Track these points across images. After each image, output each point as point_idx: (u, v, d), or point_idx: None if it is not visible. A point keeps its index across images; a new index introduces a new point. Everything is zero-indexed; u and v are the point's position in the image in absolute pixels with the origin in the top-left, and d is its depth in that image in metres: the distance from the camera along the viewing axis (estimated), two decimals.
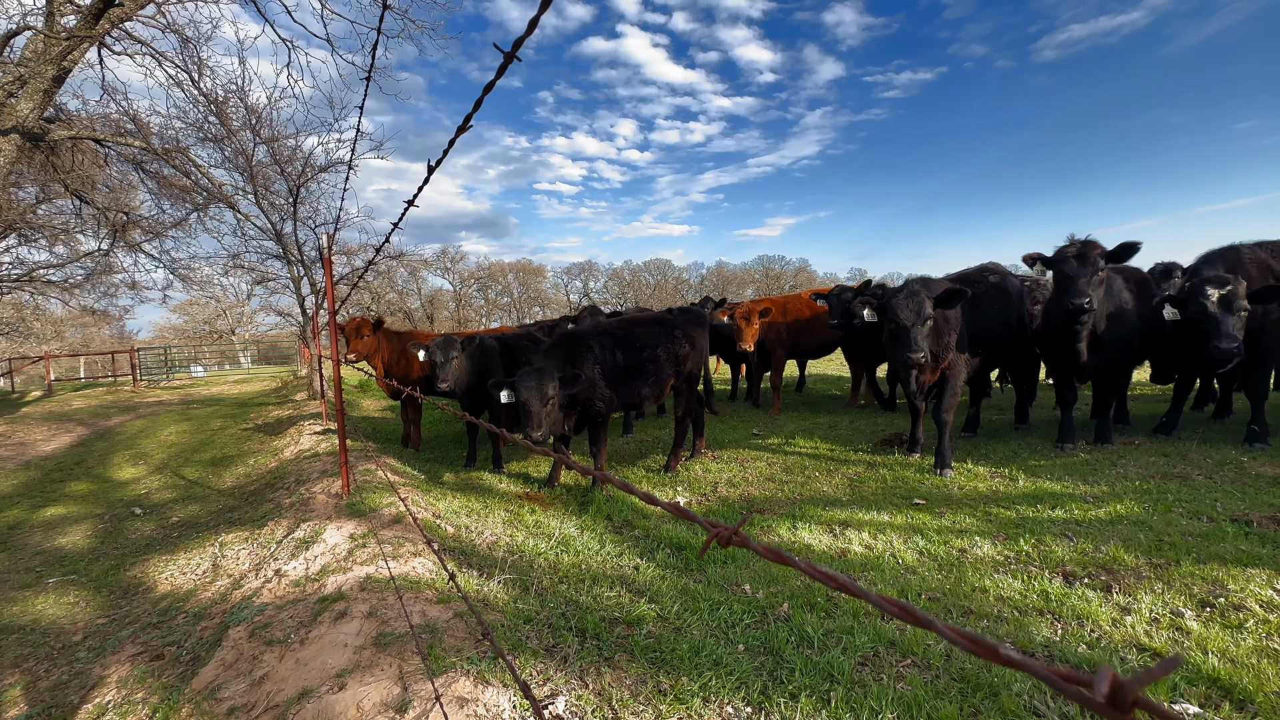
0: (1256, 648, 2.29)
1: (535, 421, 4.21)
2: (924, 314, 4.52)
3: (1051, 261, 4.53)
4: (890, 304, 4.66)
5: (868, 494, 4.51)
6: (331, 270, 4.45)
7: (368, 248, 13.02)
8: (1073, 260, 4.38)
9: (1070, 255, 4.41)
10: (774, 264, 52.82)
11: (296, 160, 10.92)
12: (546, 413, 4.29)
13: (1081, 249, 4.39)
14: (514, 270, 48.36)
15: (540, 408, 4.25)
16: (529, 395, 4.25)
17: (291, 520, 4.24)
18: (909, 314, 4.52)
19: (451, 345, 5.77)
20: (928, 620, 0.39)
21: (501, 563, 3.39)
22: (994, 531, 3.59)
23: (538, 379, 4.30)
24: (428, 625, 2.52)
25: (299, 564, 3.39)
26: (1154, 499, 3.83)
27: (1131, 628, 2.48)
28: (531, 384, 4.27)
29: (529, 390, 4.26)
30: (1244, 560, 2.95)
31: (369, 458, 5.87)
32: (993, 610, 2.70)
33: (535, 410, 4.23)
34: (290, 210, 10.94)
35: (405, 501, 2.40)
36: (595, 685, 2.27)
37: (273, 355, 31.72)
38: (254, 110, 10.29)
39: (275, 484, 5.78)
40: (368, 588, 2.90)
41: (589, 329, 5.03)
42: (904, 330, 4.53)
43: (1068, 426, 5.13)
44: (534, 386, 4.26)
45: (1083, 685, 0.31)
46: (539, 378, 4.31)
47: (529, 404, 4.23)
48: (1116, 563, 3.05)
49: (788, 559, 0.49)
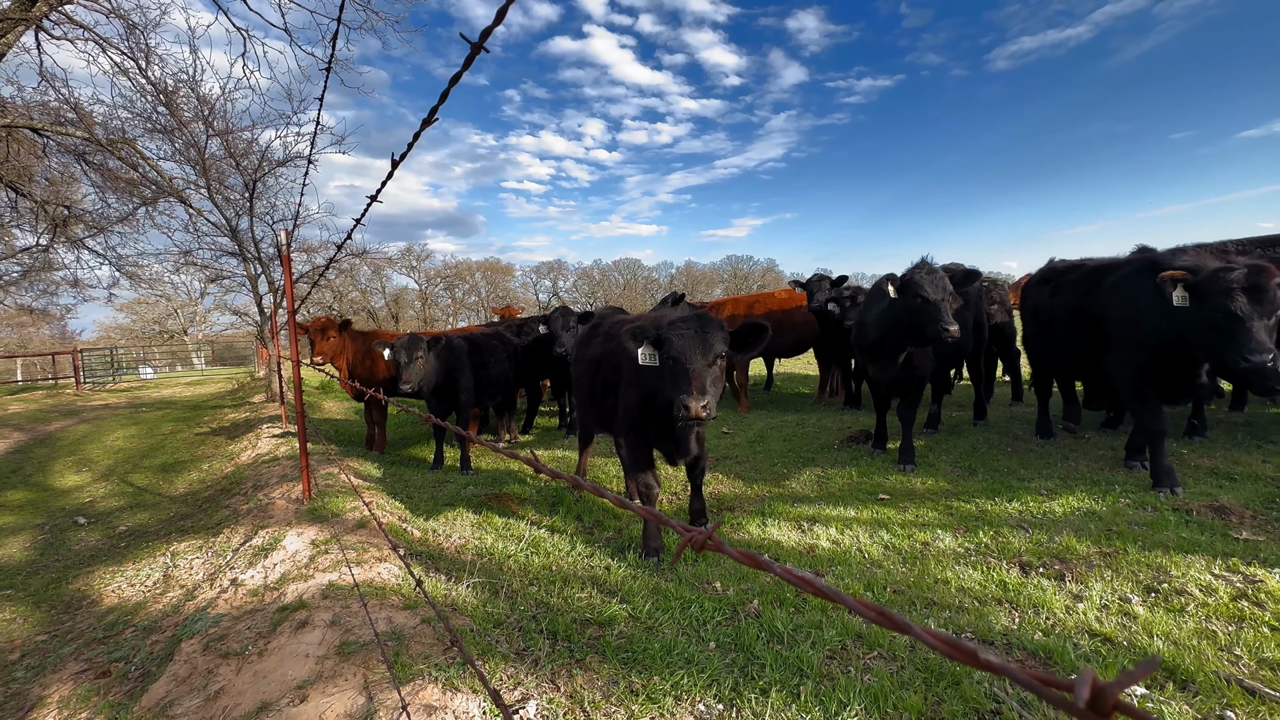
0: (1197, 630, 2.41)
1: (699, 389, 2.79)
2: (948, 289, 4.41)
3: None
4: (915, 279, 4.47)
5: (835, 490, 4.59)
6: (290, 268, 4.31)
7: (329, 245, 12.63)
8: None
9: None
10: (742, 264, 53.43)
11: (253, 154, 10.51)
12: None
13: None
14: (481, 269, 47.69)
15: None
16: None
17: (249, 527, 4.09)
18: (936, 289, 4.38)
19: (417, 345, 5.65)
20: (904, 625, 0.39)
21: (470, 566, 3.33)
22: (955, 525, 3.70)
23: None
24: (393, 632, 2.45)
25: (257, 572, 3.27)
26: (1103, 490, 4.01)
27: (1083, 614, 2.59)
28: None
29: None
30: (1185, 547, 3.12)
31: (331, 461, 5.70)
32: (954, 601, 2.78)
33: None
34: (246, 205, 10.54)
35: (369, 506, 2.34)
36: (567, 688, 2.25)
37: (228, 356, 30.56)
38: (206, 101, 9.87)
39: (231, 489, 5.56)
40: (330, 595, 2.81)
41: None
42: (933, 305, 4.35)
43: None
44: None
45: (1063, 689, 0.32)
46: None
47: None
48: (1069, 552, 3.18)
49: (763, 563, 0.48)
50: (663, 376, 3.01)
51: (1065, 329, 4.80)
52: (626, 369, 3.56)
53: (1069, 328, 4.76)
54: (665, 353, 2.89)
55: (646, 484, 3.57)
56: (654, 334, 2.96)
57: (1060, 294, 4.89)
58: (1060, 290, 4.91)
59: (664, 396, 3.18)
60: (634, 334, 2.98)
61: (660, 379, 3.12)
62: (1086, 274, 4.70)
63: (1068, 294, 4.80)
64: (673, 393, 2.83)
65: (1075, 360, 4.86)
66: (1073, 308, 4.70)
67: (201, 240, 11.83)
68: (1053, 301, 4.95)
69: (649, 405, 3.41)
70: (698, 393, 2.70)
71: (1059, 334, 4.90)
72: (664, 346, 2.90)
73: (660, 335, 2.92)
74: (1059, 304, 4.87)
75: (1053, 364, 5.29)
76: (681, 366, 2.80)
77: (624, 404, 3.57)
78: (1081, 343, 4.64)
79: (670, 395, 2.90)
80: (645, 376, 3.34)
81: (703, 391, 2.72)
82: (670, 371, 2.88)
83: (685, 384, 2.75)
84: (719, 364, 2.94)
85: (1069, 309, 4.74)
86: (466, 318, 47.15)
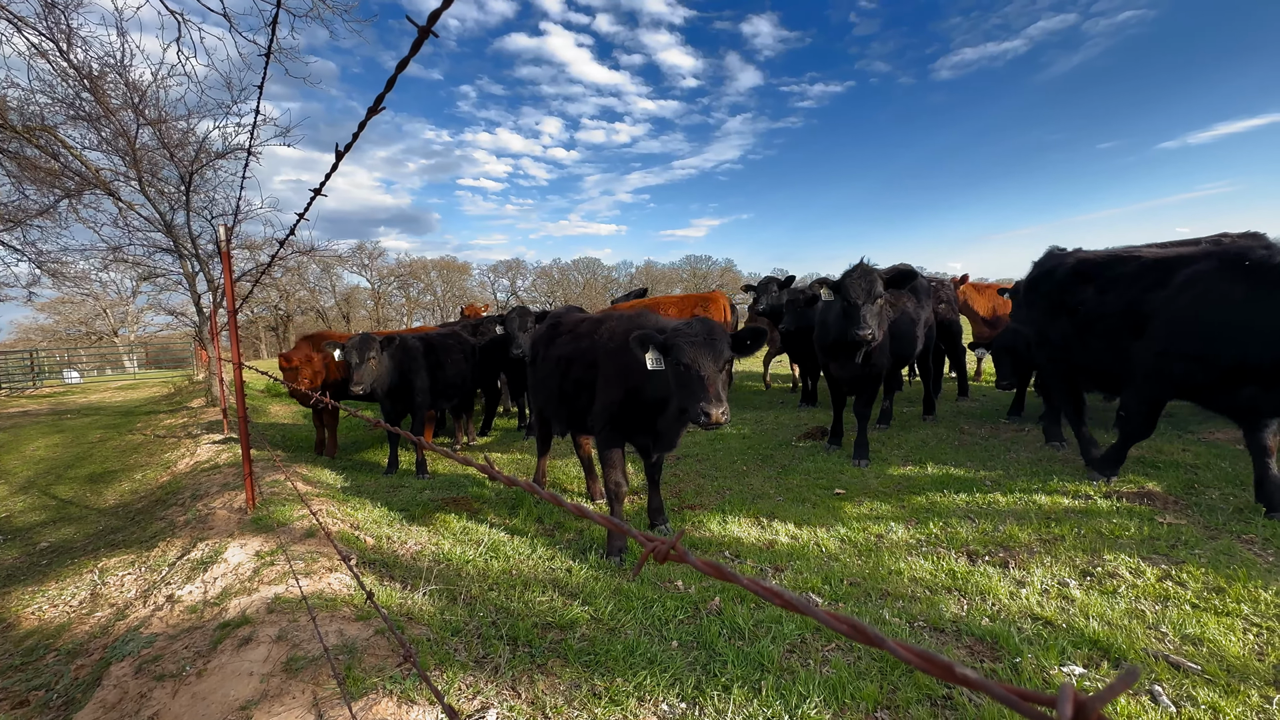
0: (1128, 610, 2.56)
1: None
2: (875, 292, 4.55)
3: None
4: (843, 282, 4.63)
5: (793, 486, 4.68)
6: (231, 265, 4.09)
7: (274, 242, 12.07)
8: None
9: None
10: (701, 264, 53.96)
11: (189, 145, 9.92)
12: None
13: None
14: (437, 267, 46.59)
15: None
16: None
17: (187, 539, 3.86)
18: (859, 292, 4.54)
19: (369, 345, 5.46)
20: (878, 639, 0.38)
21: (427, 573, 3.24)
22: (907, 517, 3.82)
23: None
24: (345, 645, 2.36)
25: (195, 587, 3.09)
26: (1042, 480, 4.22)
27: (1026, 599, 2.71)
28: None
29: None
30: (1115, 532, 3.31)
31: (277, 467, 5.45)
32: (907, 591, 2.87)
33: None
34: (182, 199, 9.94)
35: (317, 514, 2.24)
36: (528, 694, 2.21)
37: (164, 358, 28.86)
38: (136, 88, 9.25)
39: (167, 500, 5.25)
40: (276, 609, 2.68)
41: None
42: (854, 308, 4.55)
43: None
44: None
45: (1044, 704, 0.31)
46: None
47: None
48: (1012, 540, 3.33)
49: (728, 575, 0.47)
50: (671, 381, 3.09)
51: (1111, 330, 4.06)
52: (605, 366, 3.59)
53: (1115, 329, 4.02)
54: (676, 359, 2.95)
55: (616, 482, 3.61)
56: (661, 340, 3.01)
57: (1110, 291, 4.11)
58: (1112, 287, 4.12)
59: (652, 395, 3.29)
60: (642, 340, 3.02)
61: (653, 381, 3.22)
62: (1146, 267, 3.94)
63: (1121, 291, 4.03)
64: (687, 399, 2.91)
65: (1107, 368, 4.18)
66: (1124, 307, 3.95)
67: (133, 236, 11.09)
68: (1102, 299, 4.15)
69: (631, 402, 3.46)
70: (716, 399, 2.80)
71: (1101, 336, 4.13)
72: (673, 353, 2.96)
73: (669, 342, 2.98)
74: (1109, 303, 4.08)
75: (1080, 372, 4.51)
76: (696, 374, 2.87)
77: (602, 401, 3.60)
78: (1122, 348, 3.95)
79: (683, 401, 2.97)
80: (628, 375, 3.40)
81: (720, 397, 2.82)
82: (683, 378, 2.94)
83: (702, 391, 2.83)
84: (728, 368, 3.02)
85: (1119, 309, 3.98)
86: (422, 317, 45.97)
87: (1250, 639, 2.32)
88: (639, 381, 3.37)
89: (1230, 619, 2.44)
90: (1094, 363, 4.31)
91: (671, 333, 3.01)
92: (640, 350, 3.03)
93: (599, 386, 3.66)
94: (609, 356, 3.55)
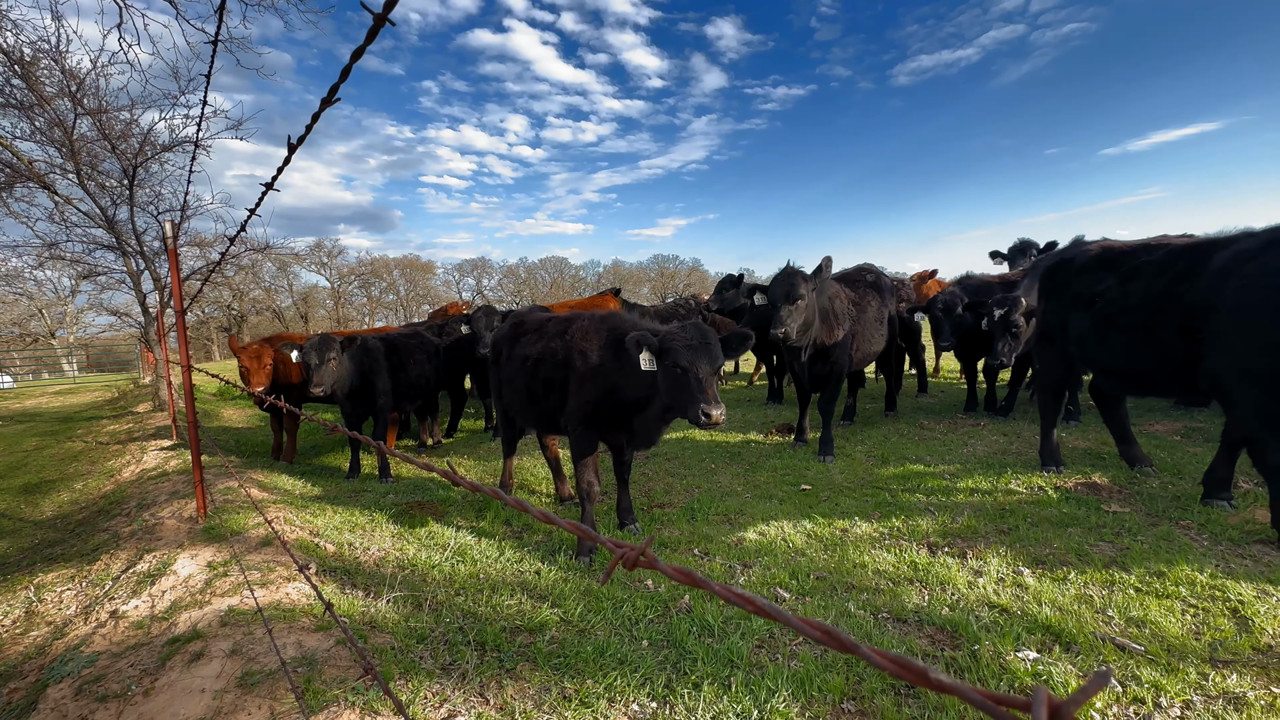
0: (1078, 596, 2.68)
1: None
2: (793, 295, 4.82)
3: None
4: (769, 286, 4.99)
5: (760, 482, 4.74)
6: (178, 263, 3.91)
7: (225, 239, 11.58)
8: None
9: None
10: (668, 263, 54.15)
11: (132, 136, 9.42)
12: None
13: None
14: (400, 266, 45.52)
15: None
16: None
17: (132, 551, 3.67)
18: (778, 294, 4.85)
19: (329, 345, 5.29)
20: (852, 645, 0.38)
21: (391, 579, 3.16)
22: (870, 511, 3.91)
23: None
24: (304, 657, 2.28)
25: (142, 602, 2.94)
26: (997, 473, 4.38)
27: (983, 588, 2.80)
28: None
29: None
30: (1065, 521, 3.46)
31: (230, 474, 5.24)
32: (872, 583, 2.94)
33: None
34: (125, 194, 9.44)
35: (272, 521, 2.15)
36: (496, 700, 2.17)
37: (106, 361, 27.43)
38: (74, 75, 8.73)
39: (111, 510, 4.98)
40: (230, 622, 2.57)
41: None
42: (774, 309, 4.86)
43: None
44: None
45: (1018, 708, 0.32)
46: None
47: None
48: (970, 531, 3.44)
49: (700, 582, 0.47)
50: (650, 383, 3.20)
51: (1141, 324, 3.60)
52: (579, 365, 3.61)
53: (1147, 323, 3.55)
54: (673, 362, 3.03)
55: (589, 481, 3.63)
56: (656, 343, 3.09)
57: (1135, 280, 3.68)
58: (1136, 276, 3.69)
59: (630, 395, 3.37)
60: (637, 342, 3.09)
61: (631, 380, 3.30)
62: (1176, 254, 3.52)
63: (1148, 280, 3.60)
64: (685, 401, 3.00)
65: (1146, 368, 3.67)
66: (1160, 297, 3.49)
67: (71, 232, 10.45)
68: (1125, 289, 3.72)
69: (607, 401, 3.49)
70: (715, 400, 2.91)
71: (1129, 330, 3.68)
72: (670, 356, 3.05)
73: (664, 345, 3.07)
74: (1135, 291, 3.65)
75: (1107, 372, 3.99)
76: (693, 376, 2.97)
77: (577, 400, 3.61)
78: (1164, 343, 3.46)
79: (679, 402, 3.05)
80: (605, 374, 3.45)
81: (717, 399, 2.92)
82: (678, 380, 3.03)
83: (701, 392, 2.93)
84: (720, 370, 3.14)
85: (1154, 298, 3.52)
86: (384, 317, 44.88)
87: (1188, 620, 2.45)
88: (616, 381, 3.40)
89: (1170, 601, 2.58)
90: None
91: (666, 336, 3.10)
92: (637, 351, 3.11)
93: (572, 386, 3.66)
94: (584, 356, 3.56)
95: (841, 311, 5.34)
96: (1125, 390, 4.03)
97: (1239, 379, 3.00)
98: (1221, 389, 3.15)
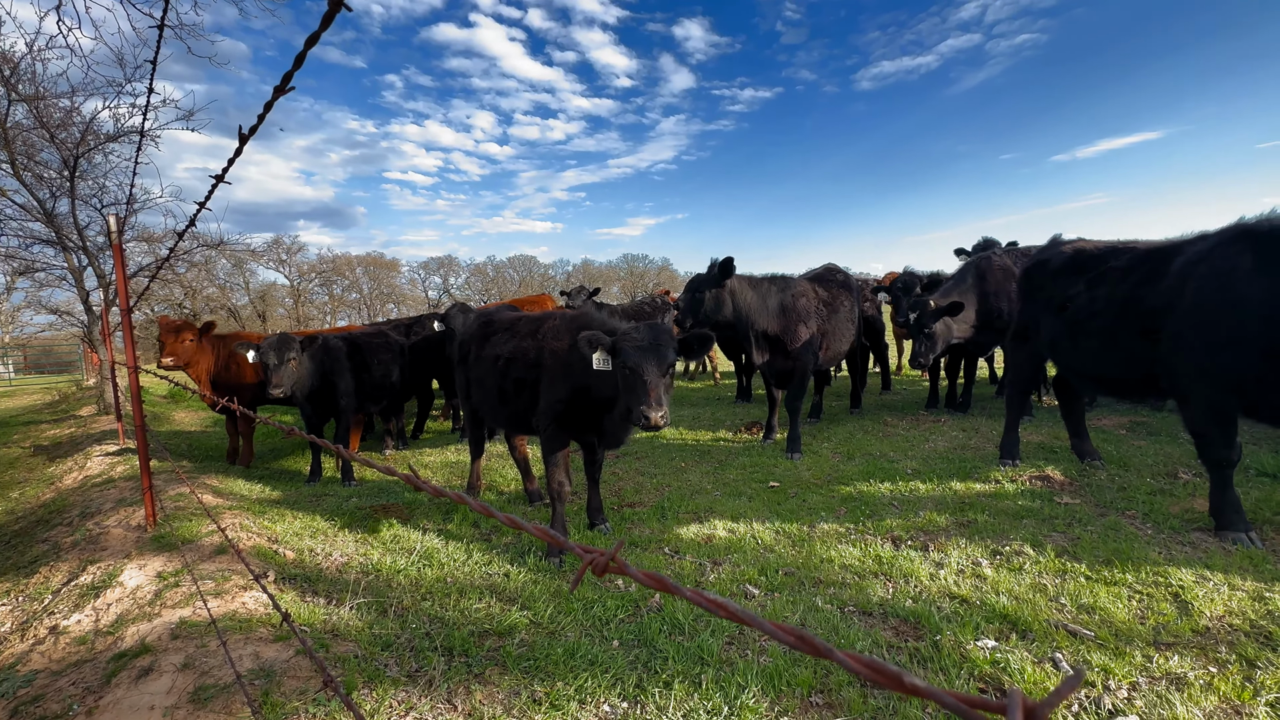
0: (1033, 585, 2.78)
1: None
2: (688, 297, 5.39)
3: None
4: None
5: (729, 480, 4.78)
6: (123, 259, 3.72)
7: (174, 234, 11.08)
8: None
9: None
10: (638, 262, 54.14)
11: (73, 125, 8.92)
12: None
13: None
14: (363, 264, 44.29)
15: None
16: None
17: (74, 563, 3.48)
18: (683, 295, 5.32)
19: (288, 345, 5.12)
20: (826, 650, 0.38)
21: (354, 585, 3.07)
22: (837, 506, 3.99)
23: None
24: (262, 669, 2.19)
25: (85, 616, 2.79)
26: (956, 467, 4.51)
27: (944, 580, 2.89)
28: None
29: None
30: (1021, 514, 3.59)
31: (181, 479, 5.01)
32: (838, 578, 2.99)
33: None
34: (66, 186, 8.94)
35: (225, 529, 2.07)
36: (465, 706, 2.13)
37: (46, 363, 25.97)
38: (8, 59, 8.24)
39: (51, 520, 4.71)
40: (182, 634, 2.46)
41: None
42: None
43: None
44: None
45: (994, 711, 0.32)
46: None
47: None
48: (932, 525, 3.54)
49: (672, 587, 0.46)
50: (616, 382, 3.14)
51: (1109, 329, 3.67)
52: (549, 365, 3.57)
53: (1114, 327, 3.62)
54: (621, 362, 2.99)
55: (559, 482, 3.59)
56: (610, 343, 3.05)
57: (1103, 284, 3.74)
58: (1103, 280, 3.75)
59: (599, 393, 3.31)
60: (590, 341, 3.05)
61: (600, 380, 3.25)
62: (1139, 257, 3.61)
63: (1115, 284, 3.66)
64: (631, 402, 2.96)
65: (1114, 371, 3.74)
66: (1123, 301, 3.57)
67: (5, 225, 9.86)
68: (1093, 294, 3.78)
69: (578, 400, 3.45)
70: (656, 403, 2.86)
71: (1098, 335, 3.74)
72: (620, 355, 3.00)
73: (617, 345, 3.03)
74: (1101, 296, 3.72)
75: (1080, 374, 4.07)
76: (639, 378, 2.93)
77: (548, 400, 3.56)
78: (1130, 347, 3.53)
79: (627, 402, 3.02)
80: (574, 373, 3.39)
81: (660, 402, 2.88)
82: (627, 381, 3.00)
83: (644, 394, 2.89)
84: (671, 372, 3.09)
85: (1118, 303, 3.59)
86: (347, 316, 43.65)
87: (1134, 605, 2.57)
88: (586, 380, 3.37)
89: (1117, 588, 2.70)
90: None
91: (620, 335, 3.05)
92: (589, 350, 3.06)
93: (544, 385, 3.62)
94: (555, 355, 3.53)
95: (805, 309, 5.43)
96: (1100, 393, 4.09)
97: (1195, 377, 3.14)
98: (1178, 387, 3.28)
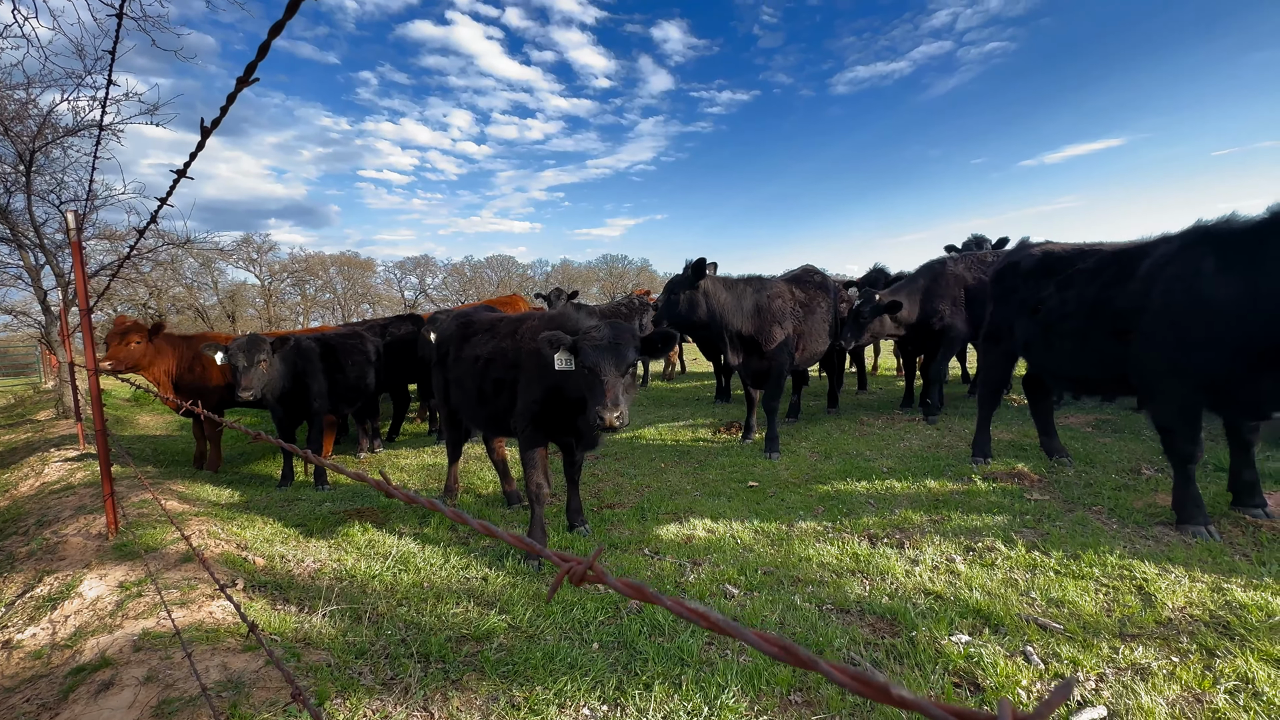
0: (1004, 580, 2.84)
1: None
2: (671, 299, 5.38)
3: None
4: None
5: (709, 480, 4.79)
6: (82, 257, 3.58)
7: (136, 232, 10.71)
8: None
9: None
10: (617, 263, 54.10)
11: (29, 118, 8.59)
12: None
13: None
14: (337, 263, 43.40)
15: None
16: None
17: (30, 574, 3.34)
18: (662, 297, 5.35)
19: (258, 346, 4.98)
20: (811, 661, 0.38)
21: (327, 592, 3.00)
22: (815, 505, 4.02)
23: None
24: (229, 680, 2.13)
25: (41, 629, 2.68)
26: (930, 466, 4.59)
27: (920, 576, 2.93)
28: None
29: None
30: (993, 510, 3.66)
31: (145, 485, 4.85)
32: (816, 576, 3.02)
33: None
34: (21, 181, 8.60)
35: (190, 536, 2.00)
36: (442, 713, 2.10)
37: (2, 365, 24.91)
38: None
39: (5, 529, 4.51)
40: (145, 646, 2.37)
41: None
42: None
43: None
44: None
45: None
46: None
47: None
48: (907, 523, 3.59)
49: (652, 597, 0.45)
50: (578, 382, 3.12)
51: (1079, 331, 3.72)
52: (527, 365, 3.55)
53: (1085, 328, 3.68)
54: (581, 361, 2.99)
55: (538, 484, 3.57)
56: (570, 342, 3.04)
57: (1072, 286, 3.80)
58: (1073, 282, 3.81)
59: (573, 394, 3.29)
60: (550, 341, 3.04)
61: (569, 380, 3.24)
62: (1107, 259, 3.67)
63: (1084, 285, 3.72)
64: (589, 401, 2.95)
65: (1086, 371, 3.81)
66: (1093, 302, 3.62)
67: None
68: (1063, 296, 3.84)
69: (553, 401, 3.44)
70: (612, 404, 2.85)
71: (1070, 336, 3.80)
72: (580, 355, 3.00)
73: (577, 344, 3.01)
74: (1071, 298, 3.77)
75: (1054, 376, 4.15)
76: (597, 377, 2.92)
77: (524, 400, 3.55)
78: (1101, 347, 3.60)
79: (590, 402, 2.99)
80: (549, 374, 3.37)
81: (616, 403, 2.86)
82: (586, 381, 2.99)
83: (600, 394, 2.88)
84: (632, 371, 3.07)
85: (1089, 304, 3.65)
86: (320, 317, 42.74)
87: (1101, 598, 2.65)
88: (560, 380, 3.35)
89: (1085, 582, 2.77)
90: None
91: (581, 335, 3.04)
92: (550, 351, 3.05)
93: (521, 386, 3.60)
94: (532, 355, 3.50)
95: (780, 310, 5.47)
96: (1074, 392, 4.12)
97: (1163, 375, 3.25)
98: (1147, 385, 3.38)
